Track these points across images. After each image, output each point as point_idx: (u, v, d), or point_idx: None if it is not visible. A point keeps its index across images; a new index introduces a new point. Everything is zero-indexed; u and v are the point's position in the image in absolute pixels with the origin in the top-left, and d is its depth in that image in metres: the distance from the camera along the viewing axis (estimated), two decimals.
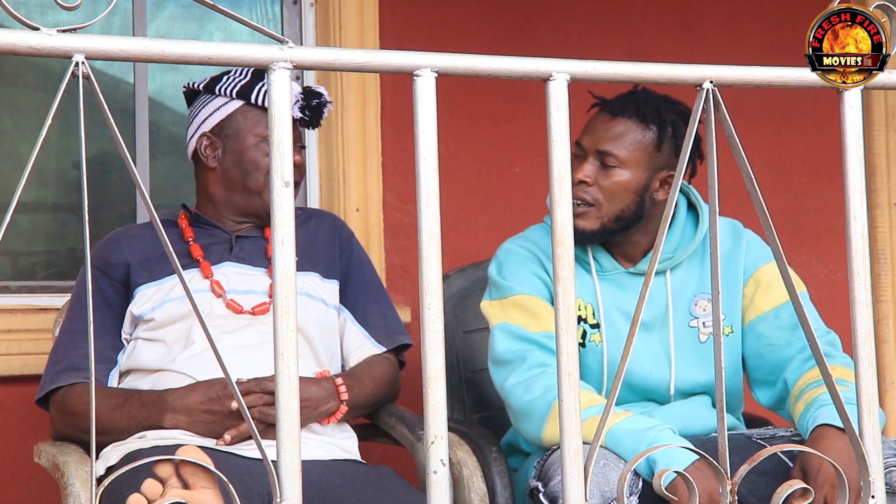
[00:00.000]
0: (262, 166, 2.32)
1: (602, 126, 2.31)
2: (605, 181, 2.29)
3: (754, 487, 2.13)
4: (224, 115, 2.36)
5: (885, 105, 3.74)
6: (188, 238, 2.36)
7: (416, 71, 1.17)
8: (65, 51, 1.07)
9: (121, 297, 2.31)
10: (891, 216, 3.73)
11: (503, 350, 2.30)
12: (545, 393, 2.21)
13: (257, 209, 2.35)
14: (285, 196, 1.12)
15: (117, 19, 3.14)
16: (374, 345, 2.40)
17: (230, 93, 2.36)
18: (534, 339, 2.28)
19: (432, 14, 3.29)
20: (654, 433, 2.09)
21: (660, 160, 2.31)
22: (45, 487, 2.77)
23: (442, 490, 1.15)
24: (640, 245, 2.38)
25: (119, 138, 1.11)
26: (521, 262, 2.36)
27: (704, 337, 2.36)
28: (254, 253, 2.37)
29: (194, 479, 1.31)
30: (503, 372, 2.29)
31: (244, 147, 2.34)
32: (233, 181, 2.36)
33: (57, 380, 2.25)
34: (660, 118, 2.30)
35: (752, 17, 3.66)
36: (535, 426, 2.22)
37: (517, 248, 2.39)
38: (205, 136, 2.38)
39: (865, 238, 1.27)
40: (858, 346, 1.26)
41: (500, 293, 2.36)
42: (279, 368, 1.12)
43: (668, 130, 2.31)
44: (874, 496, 1.24)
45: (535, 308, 2.31)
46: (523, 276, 2.34)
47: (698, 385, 2.37)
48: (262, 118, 2.34)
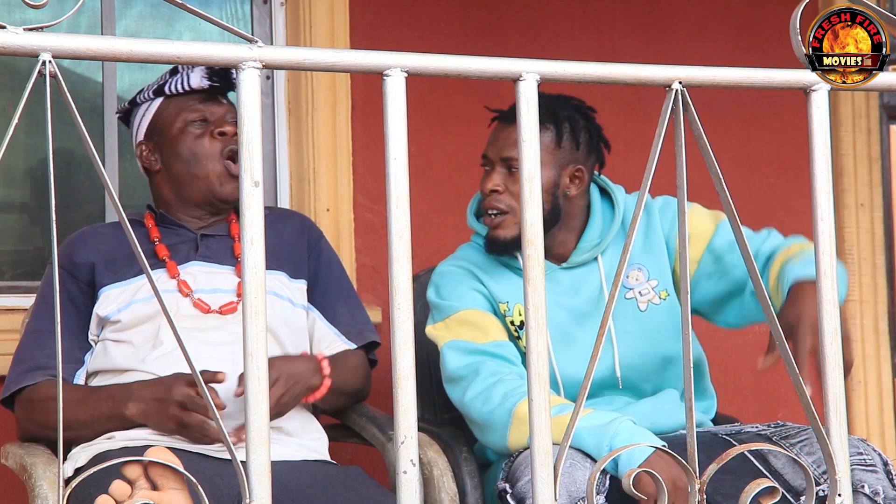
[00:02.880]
0: (197, 150, 2.31)
1: (501, 135, 2.37)
2: (515, 186, 2.33)
3: (720, 485, 2.14)
4: (150, 117, 2.37)
5: (853, 106, 3.77)
6: (154, 238, 2.34)
7: (385, 71, 1.17)
8: (31, 49, 1.07)
9: (86, 297, 2.30)
10: (858, 217, 3.76)
11: (455, 367, 2.32)
12: (504, 401, 2.23)
13: (208, 195, 2.33)
14: (254, 196, 1.12)
15: (85, 18, 3.13)
16: (344, 341, 2.40)
17: (149, 95, 2.37)
18: (484, 350, 2.31)
19: (403, 14, 3.29)
20: (615, 427, 2.11)
21: (562, 156, 2.36)
22: (12, 489, 2.75)
23: (412, 490, 1.15)
24: (567, 244, 2.42)
25: (87, 138, 1.10)
26: (457, 280, 2.40)
27: (644, 305, 2.41)
28: (220, 251, 2.36)
29: (163, 481, 1.31)
30: (459, 388, 2.32)
31: (173, 138, 2.33)
32: (177, 175, 2.35)
33: (22, 379, 2.24)
34: (555, 116, 2.36)
35: (720, 18, 3.68)
36: (499, 435, 2.23)
37: (451, 269, 2.44)
38: (140, 144, 2.39)
39: (833, 238, 1.28)
40: (826, 345, 1.27)
41: (442, 314, 2.39)
42: (249, 369, 1.11)
43: (566, 126, 2.37)
44: (840, 494, 1.25)
45: (479, 321, 2.35)
46: (462, 292, 2.38)
47: (646, 355, 2.40)
48: (182, 106, 2.33)
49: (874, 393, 3.76)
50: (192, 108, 2.33)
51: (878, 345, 3.78)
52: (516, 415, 2.20)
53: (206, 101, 2.34)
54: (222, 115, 2.34)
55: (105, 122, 3.10)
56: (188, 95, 2.34)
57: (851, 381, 3.73)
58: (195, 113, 2.33)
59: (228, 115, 2.35)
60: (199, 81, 2.32)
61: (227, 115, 2.35)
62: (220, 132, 2.31)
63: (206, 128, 2.32)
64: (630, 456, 2.04)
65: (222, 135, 2.31)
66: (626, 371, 2.39)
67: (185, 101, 2.33)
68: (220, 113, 2.34)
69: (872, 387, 3.76)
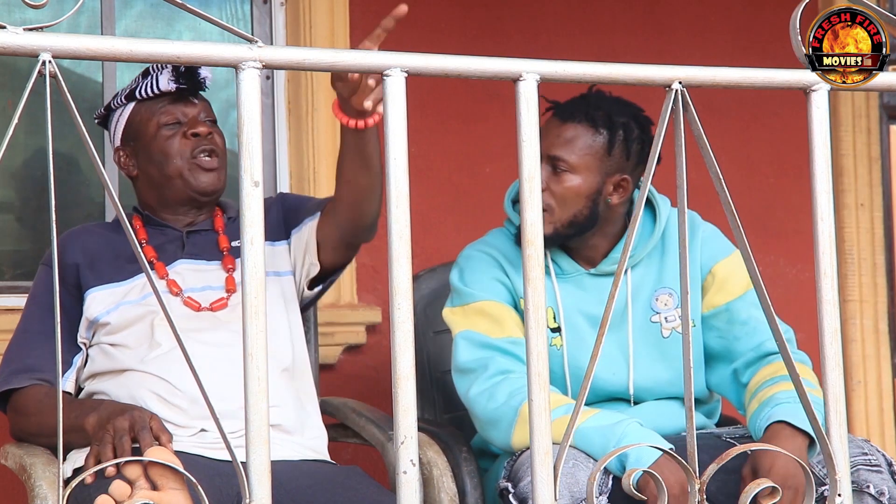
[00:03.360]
0: (171, 151, 2.30)
1: (553, 131, 2.31)
2: (557, 186, 2.29)
3: (723, 485, 2.14)
4: (123, 122, 2.35)
5: (853, 106, 3.77)
6: (141, 240, 2.34)
7: (385, 71, 1.17)
8: (31, 49, 1.07)
9: (74, 298, 2.29)
10: (858, 216, 3.76)
11: (466, 359, 2.30)
12: (510, 399, 2.21)
13: (186, 191, 2.32)
14: (254, 196, 1.12)
15: (85, 18, 3.12)
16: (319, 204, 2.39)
17: (121, 100, 2.36)
18: (496, 346, 2.29)
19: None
20: (622, 428, 2.10)
21: (611, 164, 2.30)
22: (12, 489, 2.75)
23: (412, 490, 1.15)
24: (599, 248, 2.38)
25: (87, 137, 1.10)
26: (482, 268, 2.36)
27: (667, 332, 2.37)
28: (206, 247, 2.35)
29: (163, 481, 1.31)
30: (466, 381, 2.30)
31: (148, 141, 2.32)
32: (154, 177, 2.34)
33: (10, 381, 2.24)
34: (610, 122, 2.30)
35: (720, 18, 3.68)
36: (503, 433, 2.22)
37: (478, 254, 2.39)
38: (117, 150, 2.38)
39: (833, 238, 1.28)
40: (825, 345, 1.27)
41: (462, 300, 2.36)
42: (248, 369, 1.11)
43: (619, 134, 2.30)
44: (840, 494, 1.25)
45: (497, 314, 2.31)
46: (485, 281, 2.34)
47: (661, 381, 2.37)
48: (154, 109, 2.31)
49: (874, 393, 3.76)
50: (164, 111, 2.31)
51: (878, 345, 3.78)
52: (522, 414, 2.19)
53: (178, 102, 2.32)
54: (195, 115, 2.32)
55: None
56: (159, 98, 2.32)
57: (851, 382, 3.73)
58: (167, 115, 2.31)
59: (202, 114, 2.33)
60: (167, 84, 2.31)
61: (199, 114, 2.33)
62: (192, 133, 2.30)
63: (178, 129, 2.31)
64: (638, 458, 2.03)
65: (195, 135, 2.30)
66: (639, 391, 2.37)
67: (157, 104, 2.31)
68: (193, 114, 2.32)
69: (872, 387, 3.76)
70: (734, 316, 2.36)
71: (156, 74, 2.31)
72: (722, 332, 2.37)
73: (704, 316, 2.38)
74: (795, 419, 2.11)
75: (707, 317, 2.38)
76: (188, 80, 2.31)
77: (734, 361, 2.35)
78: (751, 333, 2.33)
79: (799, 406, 2.12)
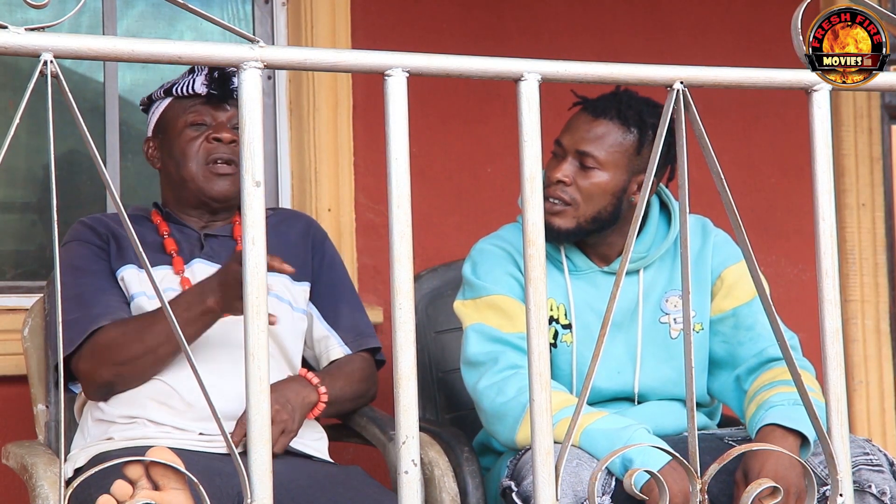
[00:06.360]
0: (190, 153, 2.31)
1: (584, 126, 2.30)
2: (584, 182, 2.29)
3: (725, 487, 2.14)
4: (158, 114, 2.38)
5: (854, 106, 3.77)
6: (163, 232, 2.35)
7: (387, 71, 1.17)
8: (33, 49, 1.07)
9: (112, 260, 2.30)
10: (859, 216, 3.76)
11: (476, 352, 2.29)
12: (518, 395, 2.20)
13: (199, 195, 2.33)
14: (256, 195, 1.12)
15: (86, 18, 3.13)
16: (340, 345, 2.39)
17: (161, 93, 2.39)
18: (507, 340, 2.28)
19: (404, 14, 3.29)
20: (629, 433, 2.09)
21: (639, 163, 2.31)
22: (12, 489, 2.75)
23: (413, 490, 1.15)
24: (615, 246, 2.38)
25: (88, 137, 1.10)
26: (495, 262, 2.35)
27: (675, 333, 2.37)
28: (223, 252, 2.36)
29: (164, 480, 1.31)
30: (475, 374, 2.29)
31: (173, 138, 2.34)
32: (172, 175, 2.36)
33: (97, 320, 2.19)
34: (641, 121, 2.30)
35: (722, 18, 3.68)
36: (509, 429, 2.22)
37: (491, 248, 2.38)
38: (148, 140, 2.41)
39: (834, 238, 1.28)
40: (827, 345, 1.27)
41: (474, 293, 2.35)
42: (250, 369, 1.11)
43: (649, 134, 2.30)
44: (842, 494, 1.25)
45: (509, 308, 2.30)
46: (498, 275, 2.34)
47: (667, 382, 2.37)
48: (186, 107, 2.33)
49: (875, 393, 3.76)
50: (195, 111, 2.33)
51: (879, 345, 3.78)
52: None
53: (211, 105, 2.34)
54: (224, 121, 2.34)
55: (106, 121, 3.10)
56: (194, 98, 2.34)
57: (853, 382, 3.73)
58: (197, 116, 2.33)
59: (231, 121, 2.35)
60: (201, 87, 2.33)
61: (229, 121, 2.35)
62: (215, 137, 2.31)
63: (203, 131, 2.32)
64: (644, 462, 2.03)
65: (217, 140, 2.31)
66: (644, 391, 2.37)
67: (190, 103, 2.34)
68: (223, 119, 2.34)
69: (874, 387, 3.75)
70: (740, 321, 2.36)
71: (195, 75, 2.34)
72: (727, 336, 2.37)
73: (712, 320, 2.39)
74: (787, 421, 2.11)
75: (714, 321, 2.39)
76: (220, 86, 2.33)
77: (737, 367, 2.35)
78: (755, 339, 2.33)
79: (793, 408, 2.13)
